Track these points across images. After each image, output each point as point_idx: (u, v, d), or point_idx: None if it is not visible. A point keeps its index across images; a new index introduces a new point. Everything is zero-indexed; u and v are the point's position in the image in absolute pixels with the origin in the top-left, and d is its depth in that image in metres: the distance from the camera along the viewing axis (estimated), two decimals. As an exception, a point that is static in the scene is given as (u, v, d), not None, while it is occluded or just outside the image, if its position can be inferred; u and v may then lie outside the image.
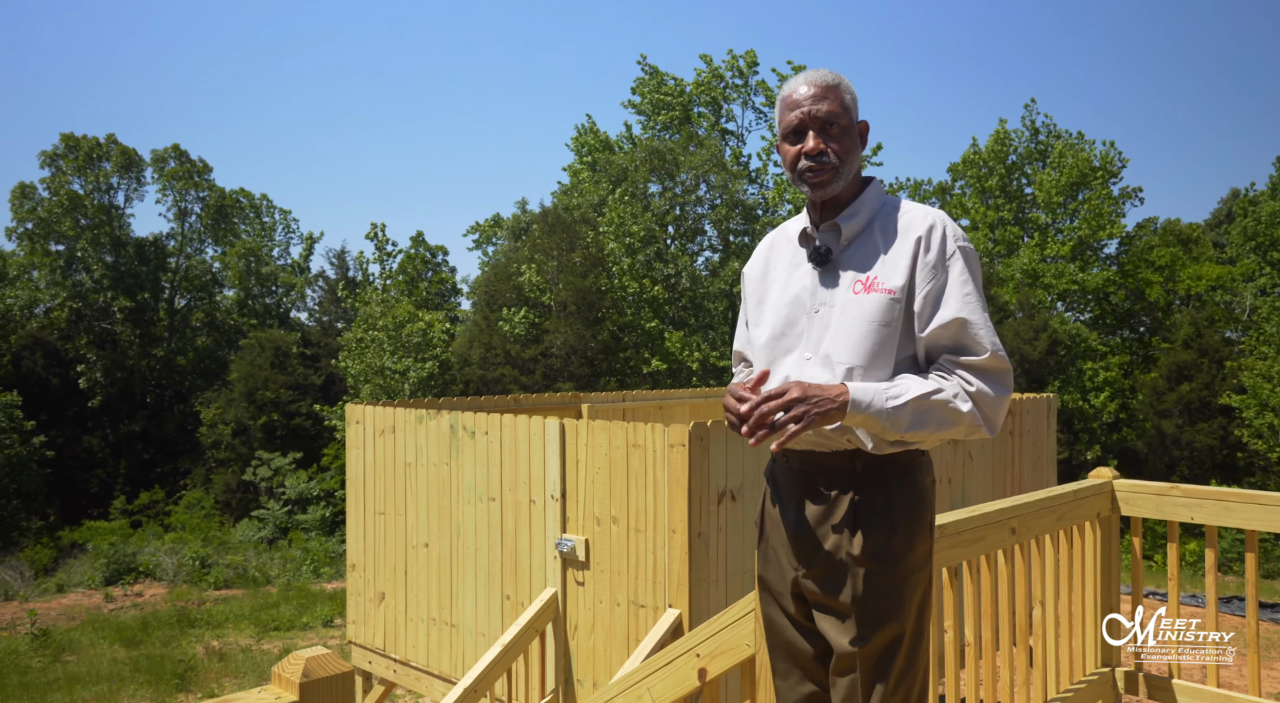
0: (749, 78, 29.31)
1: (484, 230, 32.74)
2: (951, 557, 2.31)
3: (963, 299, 1.74)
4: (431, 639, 5.54)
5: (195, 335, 34.88)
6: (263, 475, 24.78)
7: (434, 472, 5.45)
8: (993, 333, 1.75)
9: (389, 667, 5.89)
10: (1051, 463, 6.72)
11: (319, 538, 20.38)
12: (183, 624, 11.73)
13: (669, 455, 4.19)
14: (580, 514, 4.64)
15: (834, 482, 1.76)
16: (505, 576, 5.04)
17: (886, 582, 1.70)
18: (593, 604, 4.59)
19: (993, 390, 1.71)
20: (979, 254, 26.28)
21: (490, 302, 23.42)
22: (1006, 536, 2.48)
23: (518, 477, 4.94)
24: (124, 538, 19.59)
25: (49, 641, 10.83)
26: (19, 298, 32.38)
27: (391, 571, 5.82)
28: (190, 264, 35.30)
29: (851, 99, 1.88)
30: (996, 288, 24.83)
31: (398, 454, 5.70)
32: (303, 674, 1.17)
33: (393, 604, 5.81)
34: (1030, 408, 6.45)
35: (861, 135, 1.90)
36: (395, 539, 5.77)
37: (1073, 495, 2.81)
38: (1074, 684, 2.89)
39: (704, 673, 2.00)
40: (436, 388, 23.27)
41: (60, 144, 33.02)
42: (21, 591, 16.03)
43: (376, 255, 33.57)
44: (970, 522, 2.34)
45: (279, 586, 15.20)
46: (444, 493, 5.39)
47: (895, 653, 1.70)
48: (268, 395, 27.26)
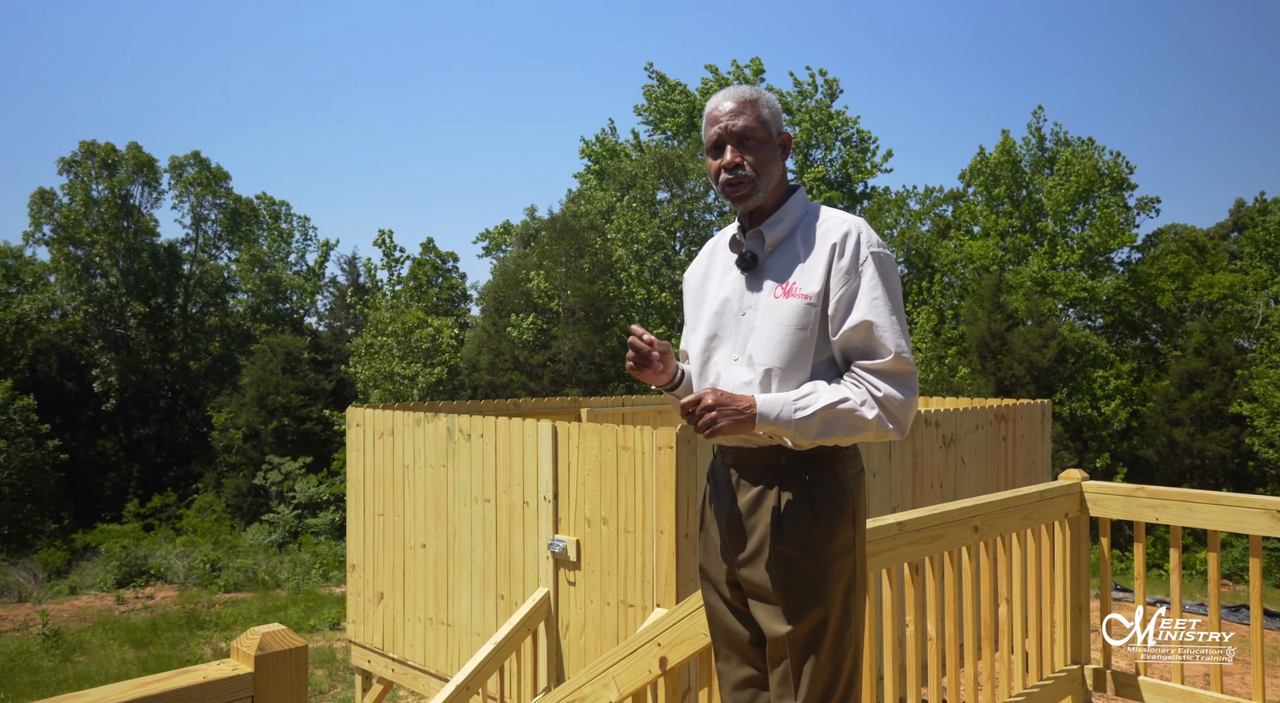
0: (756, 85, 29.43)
1: (494, 237, 32.92)
2: (912, 553, 2.39)
3: (870, 303, 1.82)
4: (428, 639, 5.63)
5: (208, 340, 35.19)
6: (273, 480, 24.96)
7: (431, 473, 5.55)
8: (899, 336, 1.82)
9: (388, 666, 5.99)
10: (1046, 468, 6.77)
11: (328, 542, 20.53)
12: (192, 626, 11.86)
13: (657, 458, 4.27)
14: (572, 516, 4.73)
15: (761, 476, 1.86)
16: (499, 576, 5.13)
17: (809, 568, 1.79)
18: (584, 604, 4.67)
19: (899, 394, 1.79)
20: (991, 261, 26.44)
21: (499, 308, 23.56)
22: (969, 533, 2.55)
23: (511, 479, 5.03)
24: (136, 541, 19.78)
25: (60, 641, 10.97)
26: (36, 302, 32.77)
27: (390, 571, 5.92)
28: (205, 270, 35.63)
29: (771, 113, 1.96)
30: (1006, 296, 24.79)
31: (396, 456, 5.81)
32: (258, 648, 1.26)
33: (391, 604, 5.91)
34: (1024, 413, 6.50)
35: (784, 146, 1.97)
36: (394, 540, 5.87)
37: (1039, 496, 2.88)
38: (1041, 680, 2.95)
39: (664, 662, 2.08)
40: (445, 393, 23.42)
41: (79, 151, 33.43)
42: (35, 592, 16.22)
43: (385, 262, 33.82)
44: (930, 519, 2.42)
45: (288, 589, 15.33)
46: (441, 495, 5.48)
47: (822, 636, 1.78)
48: (279, 400, 27.48)
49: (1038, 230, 28.22)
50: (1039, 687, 2.91)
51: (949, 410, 5.75)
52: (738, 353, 1.90)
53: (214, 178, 35.85)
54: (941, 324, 27.16)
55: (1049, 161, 28.76)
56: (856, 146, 29.72)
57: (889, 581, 2.37)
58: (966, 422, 5.87)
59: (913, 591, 2.43)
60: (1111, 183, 26.90)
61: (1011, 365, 22.89)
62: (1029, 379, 23.00)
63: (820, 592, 1.78)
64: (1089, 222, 26.96)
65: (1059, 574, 3.05)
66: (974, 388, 22.84)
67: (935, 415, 5.62)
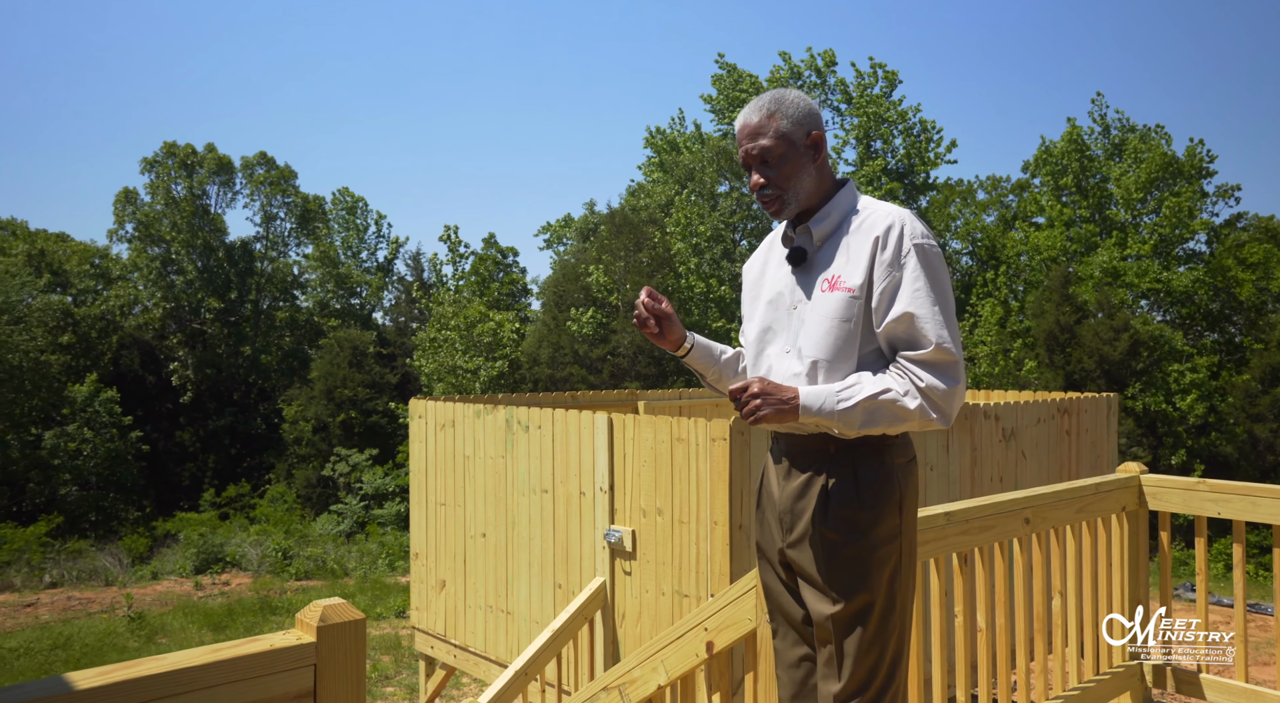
0: (826, 77, 29.21)
1: (554, 231, 33.23)
2: (961, 543, 2.39)
3: (913, 294, 1.84)
4: (489, 626, 5.76)
5: (279, 335, 36.23)
6: (341, 471, 25.61)
7: (491, 464, 5.67)
8: (941, 326, 1.83)
9: (450, 652, 6.14)
10: (1112, 463, 6.61)
11: (394, 532, 21.00)
12: (265, 612, 12.27)
13: (711, 449, 4.31)
14: (627, 506, 4.80)
15: (810, 462, 1.90)
16: (557, 565, 5.23)
17: (853, 552, 1.82)
18: (639, 593, 4.74)
19: (942, 384, 1.80)
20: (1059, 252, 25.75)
21: (559, 302, 23.78)
22: (1020, 525, 2.54)
23: (568, 469, 5.12)
24: (212, 529, 20.49)
25: (144, 623, 11.48)
26: (120, 298, 34.15)
27: (452, 559, 6.06)
28: (275, 267, 36.69)
29: (791, 121, 1.97)
30: (1075, 287, 24.13)
31: (457, 447, 5.94)
32: (320, 619, 1.34)
33: (453, 592, 6.06)
34: (1089, 407, 6.37)
35: (815, 146, 1.98)
36: (455, 529, 6.01)
37: (1094, 488, 2.84)
38: (1098, 675, 2.92)
39: (711, 646, 2.13)
40: (507, 386, 23.74)
41: (161, 151, 34.69)
42: (120, 576, 16.96)
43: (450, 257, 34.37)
44: (980, 510, 2.42)
45: (356, 577, 15.75)
46: (500, 485, 5.60)
47: (866, 620, 1.81)
48: (346, 393, 28.16)
49: (1107, 220, 27.40)
50: (1095, 681, 2.88)
51: (1009, 404, 5.67)
52: (789, 346, 1.95)
53: (282, 177, 36.87)
54: (1007, 317, 26.57)
55: (1117, 149, 27.89)
56: (919, 137, 29.23)
57: (936, 571, 2.38)
58: (1028, 415, 5.77)
59: (962, 581, 2.43)
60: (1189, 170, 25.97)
61: (1081, 359, 22.30)
62: (1099, 373, 22.37)
63: (864, 576, 1.82)
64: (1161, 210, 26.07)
65: (1116, 569, 3.01)
66: (1041, 382, 22.31)
67: (995, 409, 5.54)
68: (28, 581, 16.77)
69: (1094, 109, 28.38)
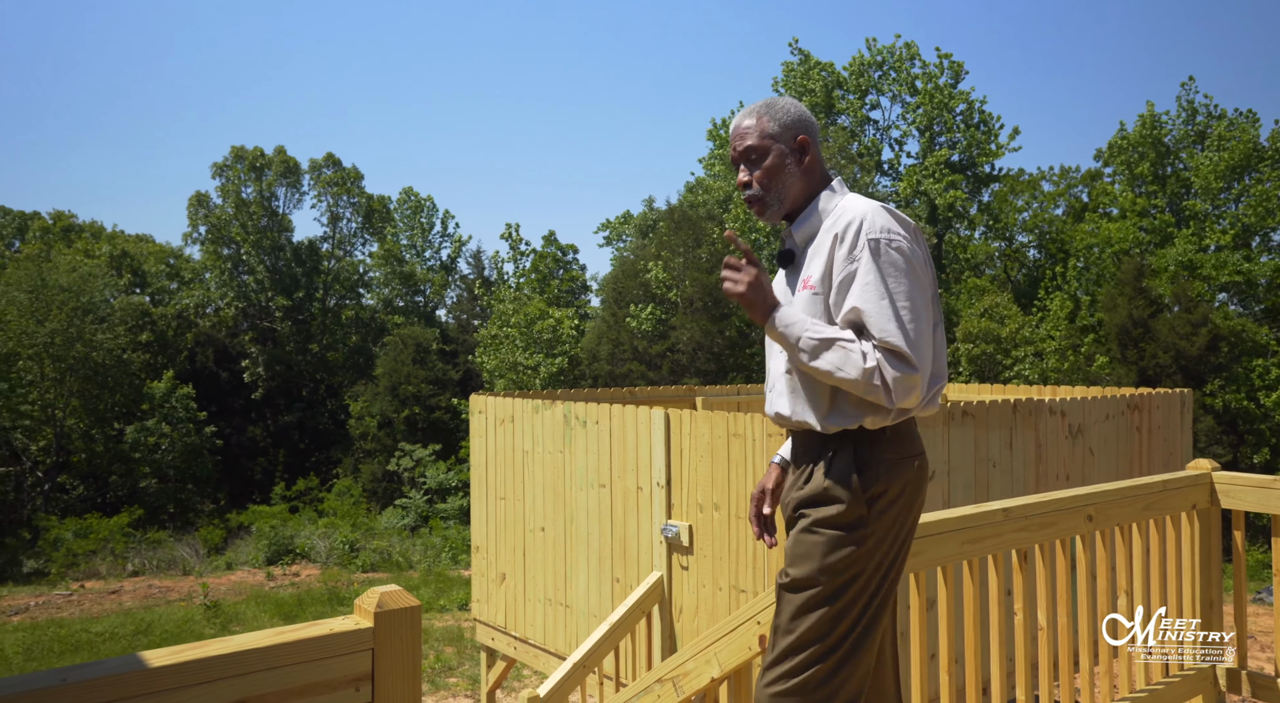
0: (902, 69, 28.84)
1: (614, 228, 33.34)
2: (1020, 540, 2.35)
3: (862, 289, 1.85)
4: (548, 618, 5.83)
5: (346, 333, 37.08)
6: (405, 466, 26.12)
7: (549, 459, 5.73)
8: (890, 320, 1.82)
9: (510, 644, 6.23)
10: (1185, 461, 6.39)
11: (456, 527, 21.34)
12: (333, 603, 12.60)
13: (767, 444, 4.30)
14: (684, 501, 4.81)
15: (804, 455, 1.98)
16: (615, 559, 5.26)
17: (807, 530, 1.87)
18: (696, 588, 4.75)
19: (891, 367, 1.80)
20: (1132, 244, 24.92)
21: (618, 298, 23.87)
22: (1082, 522, 2.48)
23: (626, 464, 5.15)
24: (283, 522, 21.09)
25: (219, 612, 11.88)
26: (194, 298, 35.34)
27: (511, 553, 6.15)
28: (341, 266, 37.55)
29: (780, 124, 2.02)
30: (1149, 280, 23.35)
31: (516, 442, 6.02)
32: (377, 605, 1.39)
33: (513, 585, 6.14)
34: (1160, 403, 6.17)
35: (801, 149, 2.02)
36: (515, 523, 6.10)
37: (1162, 486, 2.76)
38: (1168, 678, 2.84)
39: (763, 639, 2.13)
40: (567, 382, 23.93)
41: (230, 155, 35.79)
42: (197, 566, 17.58)
43: (511, 254, 34.75)
44: (1040, 506, 2.37)
45: (420, 570, 16.07)
46: (558, 479, 5.66)
47: (805, 601, 1.84)
48: (410, 390, 28.69)
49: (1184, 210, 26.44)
50: (1164, 684, 2.80)
51: (1076, 399, 5.53)
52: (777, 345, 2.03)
53: (349, 177, 37.69)
54: (1077, 311, 25.84)
55: (1199, 137, 26.87)
56: (981, 128, 28.60)
57: (995, 568, 2.34)
58: (1095, 411, 5.62)
59: (1021, 579, 2.38)
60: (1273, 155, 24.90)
61: (1156, 354, 21.58)
62: (1175, 369, 21.62)
63: (811, 556, 1.84)
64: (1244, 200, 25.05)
65: (1187, 569, 2.92)
66: (1113, 378, 21.65)
67: (1061, 404, 5.41)
68: (112, 569, 17.49)
69: (1182, 94, 27.36)
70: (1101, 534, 2.60)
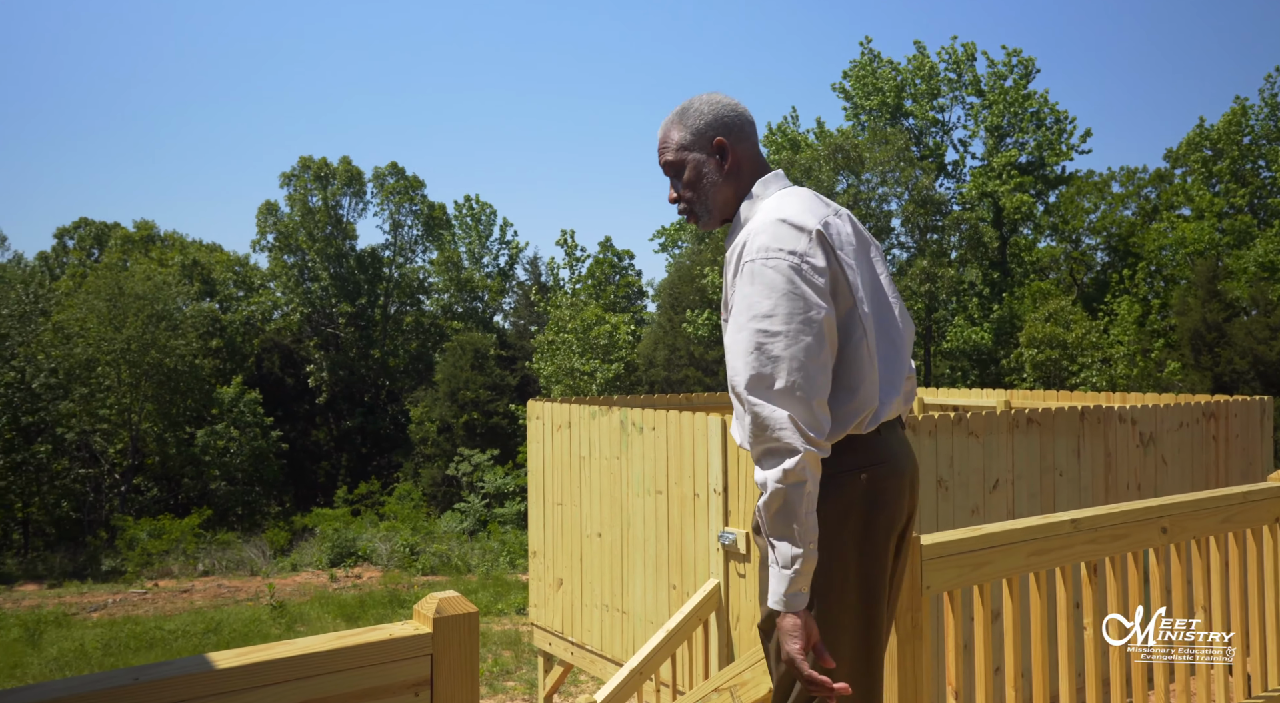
0: (963, 70, 28.37)
1: (669, 234, 33.36)
2: (1089, 552, 2.27)
3: (732, 326, 1.70)
4: (604, 624, 5.83)
5: (406, 339, 37.75)
6: (464, 471, 26.43)
7: (606, 465, 5.74)
8: (743, 356, 1.65)
9: (567, 649, 6.25)
10: (1266, 472, 6.14)
11: (514, 531, 21.52)
12: (394, 605, 12.80)
13: (826, 452, 4.23)
14: (742, 508, 4.77)
15: None
16: (671, 566, 5.24)
17: (761, 560, 1.71)
18: (753, 596, 4.70)
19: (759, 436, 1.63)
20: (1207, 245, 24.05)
21: (674, 304, 23.87)
22: (1156, 534, 2.40)
23: (683, 471, 5.13)
24: (345, 524, 21.51)
25: (285, 612, 12.16)
26: (261, 305, 36.34)
27: (568, 558, 6.17)
28: (402, 273, 38.25)
29: (689, 133, 1.87)
30: (1225, 282, 22.54)
31: (573, 448, 6.05)
32: (436, 611, 1.40)
33: (570, 590, 6.17)
34: (1238, 410, 5.94)
35: (719, 151, 1.86)
36: (571, 528, 6.12)
37: (1242, 497, 2.65)
38: (1249, 699, 2.72)
39: (823, 651, 2.09)
40: (623, 388, 23.99)
41: (298, 166, 36.77)
42: (263, 567, 18.03)
43: (566, 261, 35.00)
44: (1110, 517, 2.29)
45: (478, 574, 16.25)
46: (615, 485, 5.66)
47: (768, 633, 1.75)
48: (468, 395, 29.06)
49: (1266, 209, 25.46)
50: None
51: (1147, 406, 5.35)
52: None
53: (410, 185, 38.40)
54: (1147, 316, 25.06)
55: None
56: (1051, 128, 27.92)
57: (1063, 581, 2.27)
58: (1168, 419, 5.43)
59: (1091, 592, 2.31)
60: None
61: (1232, 359, 20.80)
62: (1253, 375, 20.81)
63: (764, 593, 1.70)
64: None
65: (1270, 584, 2.80)
66: (1186, 384, 20.93)
67: (1131, 412, 5.24)
68: (184, 568, 18.03)
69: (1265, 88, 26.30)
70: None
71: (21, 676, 9.26)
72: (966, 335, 26.35)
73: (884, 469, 1.74)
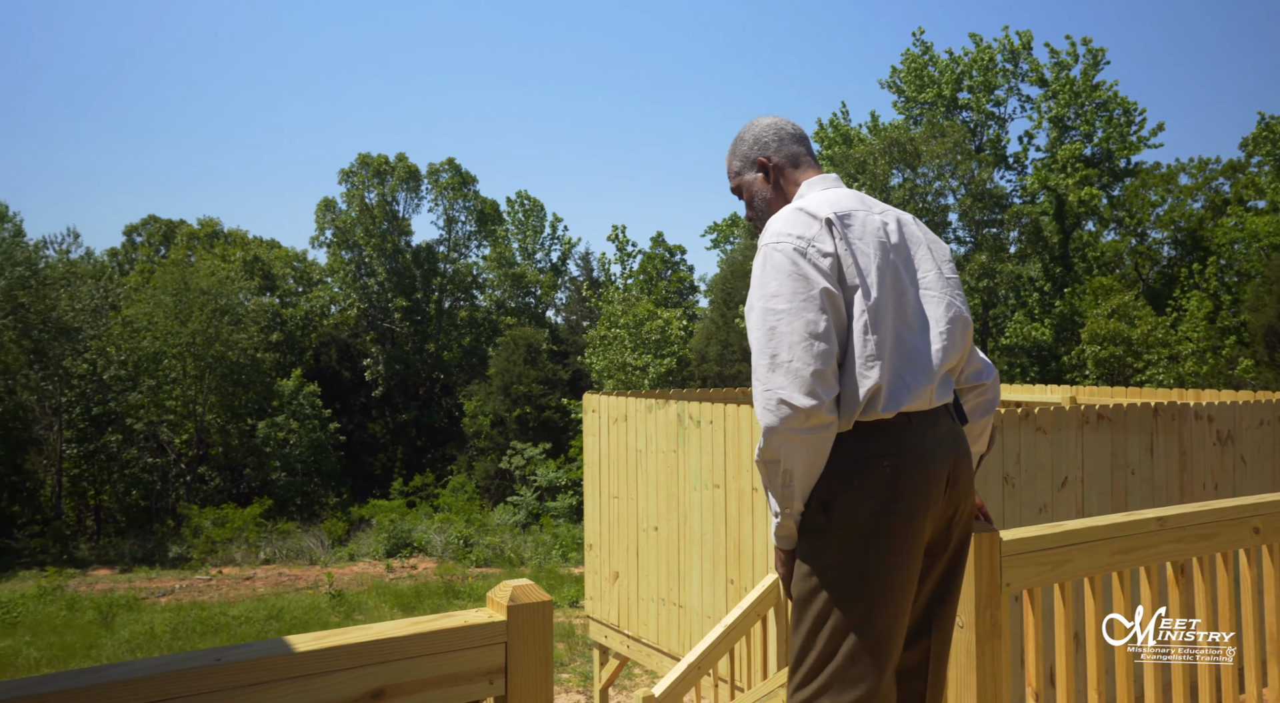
0: (1019, 60, 27.71)
1: (722, 230, 33.20)
2: (1176, 552, 2.18)
3: (748, 306, 1.82)
4: (661, 618, 5.81)
5: (460, 333, 38.18)
6: (516, 464, 26.66)
7: (662, 459, 5.72)
8: (755, 332, 1.76)
9: (623, 642, 6.25)
10: (1353, 472, 5.87)
11: (566, 525, 21.65)
12: (449, 595, 12.96)
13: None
14: (800, 503, 4.70)
15: None
16: (729, 560, 5.20)
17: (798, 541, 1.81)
18: (812, 593, 4.63)
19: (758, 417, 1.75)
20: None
21: (727, 299, 23.75)
22: (1248, 535, 2.29)
23: (740, 465, 5.09)
24: (401, 516, 21.85)
25: (343, 600, 12.39)
26: (319, 300, 37.06)
27: (624, 551, 6.17)
28: (456, 268, 38.68)
29: (739, 160, 2.09)
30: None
31: (630, 441, 6.04)
32: (510, 599, 1.38)
33: (626, 583, 6.16)
34: (1324, 408, 5.68)
35: (764, 168, 2.05)
36: (628, 522, 6.11)
37: (1340, 497, 2.52)
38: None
39: (896, 648, 2.04)
40: (675, 383, 23.96)
41: (355, 162, 37.40)
42: (322, 556, 18.40)
43: (618, 256, 35.05)
44: (1198, 516, 2.19)
45: (531, 567, 16.36)
46: (672, 479, 5.64)
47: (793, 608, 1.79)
48: (521, 389, 29.29)
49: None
50: (1338, 714, 2.56)
51: (1224, 404, 5.15)
52: None
53: (464, 181, 38.80)
54: (1218, 311, 24.23)
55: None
56: (1119, 120, 27.10)
57: (1148, 581, 2.18)
58: (1248, 417, 5.23)
59: (1178, 594, 2.22)
60: None
61: (1308, 357, 20.03)
62: (1334, 373, 20.01)
63: (801, 565, 1.78)
64: None
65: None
66: (1259, 382, 20.21)
67: (1208, 409, 5.05)
68: (246, 556, 18.49)
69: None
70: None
71: (97, 656, 9.57)
72: (1026, 331, 25.77)
73: (909, 460, 1.75)
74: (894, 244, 1.86)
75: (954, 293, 1.90)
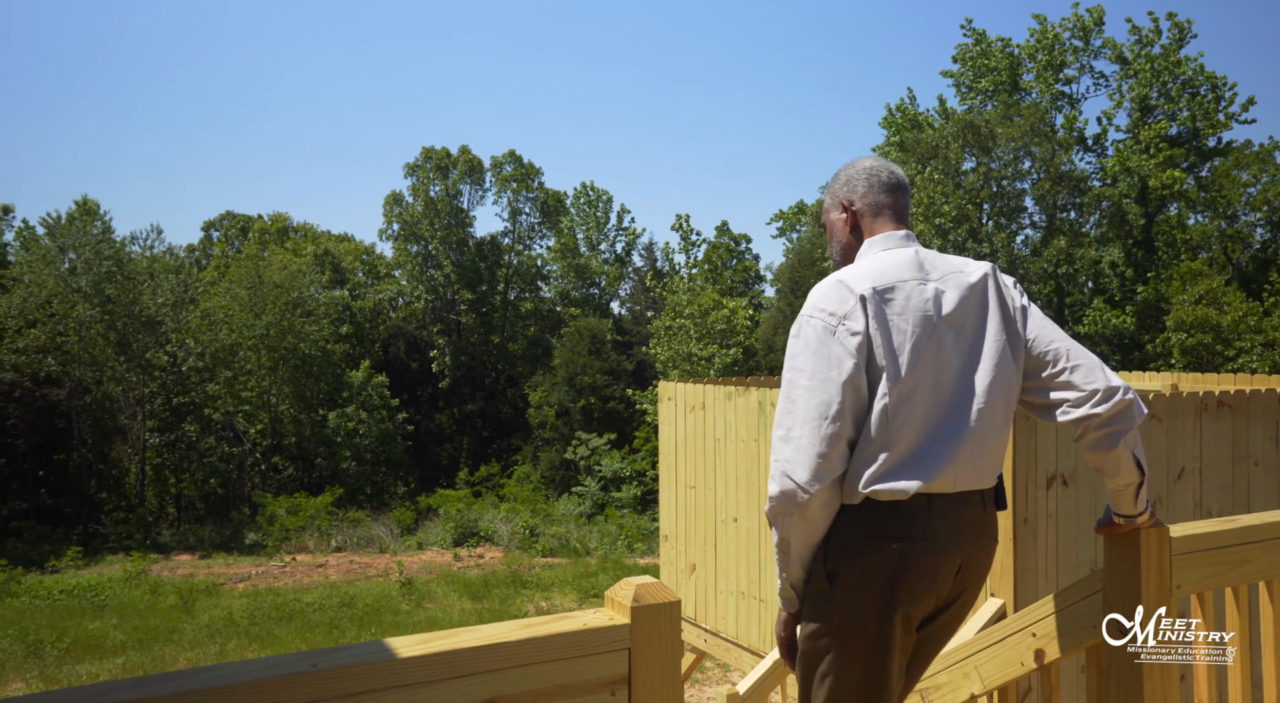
0: (1091, 37, 26.62)
1: (788, 218, 32.71)
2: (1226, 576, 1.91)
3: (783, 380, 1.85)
4: (740, 612, 5.63)
5: (525, 324, 38.40)
6: (581, 455, 26.68)
7: (742, 448, 5.52)
8: (780, 401, 1.78)
9: (699, 636, 6.08)
10: None
11: (631, 515, 21.58)
12: (516, 585, 12.95)
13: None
14: (892, 495, 4.47)
15: None
16: (813, 554, 4.99)
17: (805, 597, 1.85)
18: (906, 589, 4.40)
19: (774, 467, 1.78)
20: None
21: (794, 288, 23.36)
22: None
23: (826, 455, 4.86)
24: (468, 506, 22.03)
25: (413, 588, 12.47)
26: (387, 292, 37.62)
27: (702, 543, 5.99)
28: (521, 260, 38.88)
29: (830, 198, 2.10)
30: None
31: (707, 430, 5.85)
32: (633, 599, 1.21)
33: (703, 576, 5.99)
34: None
35: (845, 209, 2.04)
36: (705, 512, 5.93)
37: None
38: None
39: (1040, 654, 1.83)
40: (741, 373, 23.67)
41: (420, 156, 37.81)
42: (391, 545, 18.64)
43: (682, 245, 34.79)
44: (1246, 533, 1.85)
45: (597, 557, 16.31)
46: (752, 469, 5.44)
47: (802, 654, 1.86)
48: (585, 380, 29.30)
49: None
50: None
51: (1360, 390, 4.74)
52: None
53: (528, 174, 38.93)
54: (1318, 297, 22.97)
55: None
56: (1207, 97, 25.82)
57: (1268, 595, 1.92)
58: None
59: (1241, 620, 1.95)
60: None
61: None
62: None
63: (806, 624, 1.84)
64: None
65: None
66: (1365, 371, 19.09)
67: (1341, 396, 4.65)
68: (319, 544, 18.83)
69: None
70: None
71: (179, 640, 9.78)
72: (1106, 319, 24.80)
73: (920, 546, 1.73)
74: (945, 316, 1.80)
75: (1003, 364, 1.81)
